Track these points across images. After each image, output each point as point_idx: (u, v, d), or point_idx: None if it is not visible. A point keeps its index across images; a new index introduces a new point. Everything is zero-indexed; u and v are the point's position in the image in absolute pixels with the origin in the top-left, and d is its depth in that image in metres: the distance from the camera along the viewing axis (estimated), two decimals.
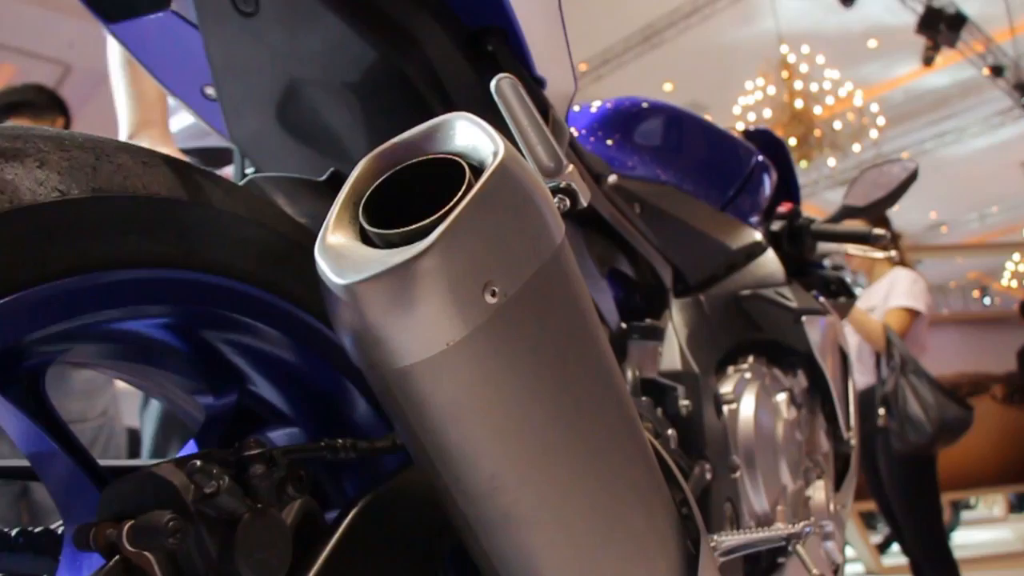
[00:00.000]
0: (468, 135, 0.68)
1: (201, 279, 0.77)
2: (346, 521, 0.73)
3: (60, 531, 1.05)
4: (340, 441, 0.76)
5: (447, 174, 0.66)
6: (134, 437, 2.54)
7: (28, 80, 4.05)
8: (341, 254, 0.65)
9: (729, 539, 1.07)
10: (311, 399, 0.89)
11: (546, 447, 0.70)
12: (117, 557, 0.65)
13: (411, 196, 0.68)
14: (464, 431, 0.66)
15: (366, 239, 0.66)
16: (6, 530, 1.00)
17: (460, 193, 0.64)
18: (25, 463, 0.87)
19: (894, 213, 5.00)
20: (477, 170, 0.65)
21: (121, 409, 2.29)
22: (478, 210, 0.63)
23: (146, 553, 0.65)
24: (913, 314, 3.77)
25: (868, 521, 7.26)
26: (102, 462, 0.75)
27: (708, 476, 1.26)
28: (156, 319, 0.80)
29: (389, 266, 0.61)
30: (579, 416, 0.72)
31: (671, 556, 0.83)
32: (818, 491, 1.59)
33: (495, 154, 0.65)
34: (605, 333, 0.81)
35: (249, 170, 1.11)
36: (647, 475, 0.81)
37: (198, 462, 0.65)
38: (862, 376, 3.76)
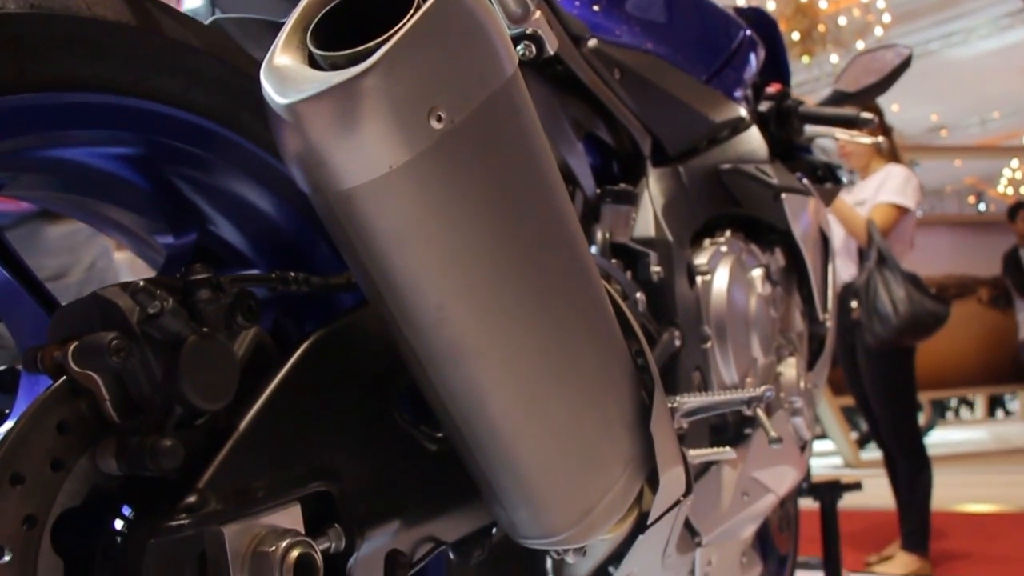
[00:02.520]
0: None
1: (153, 108, 0.76)
2: (297, 353, 0.73)
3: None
4: (292, 274, 0.75)
5: (401, 3, 0.65)
6: None
7: None
8: (286, 76, 0.63)
9: (690, 401, 1.08)
10: (271, 240, 0.88)
11: (493, 281, 0.69)
12: (64, 378, 0.65)
13: (364, 24, 0.67)
14: (409, 259, 0.66)
15: (313, 63, 0.65)
16: None
17: (408, 16, 0.62)
18: None
19: (894, 115, 4.94)
20: None
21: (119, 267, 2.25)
22: (424, 33, 0.62)
23: (92, 373, 0.65)
24: (901, 211, 3.75)
25: (848, 417, 7.39)
26: None
27: (677, 343, 1.26)
28: (109, 149, 0.78)
29: (331, 85, 0.60)
30: (528, 253, 0.71)
31: (624, 405, 0.84)
32: (789, 367, 1.60)
33: None
34: (566, 188, 0.80)
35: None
36: (601, 320, 0.81)
37: (142, 283, 0.65)
38: (846, 269, 3.76)
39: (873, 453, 7.08)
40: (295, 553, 0.66)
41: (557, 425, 0.77)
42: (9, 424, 0.78)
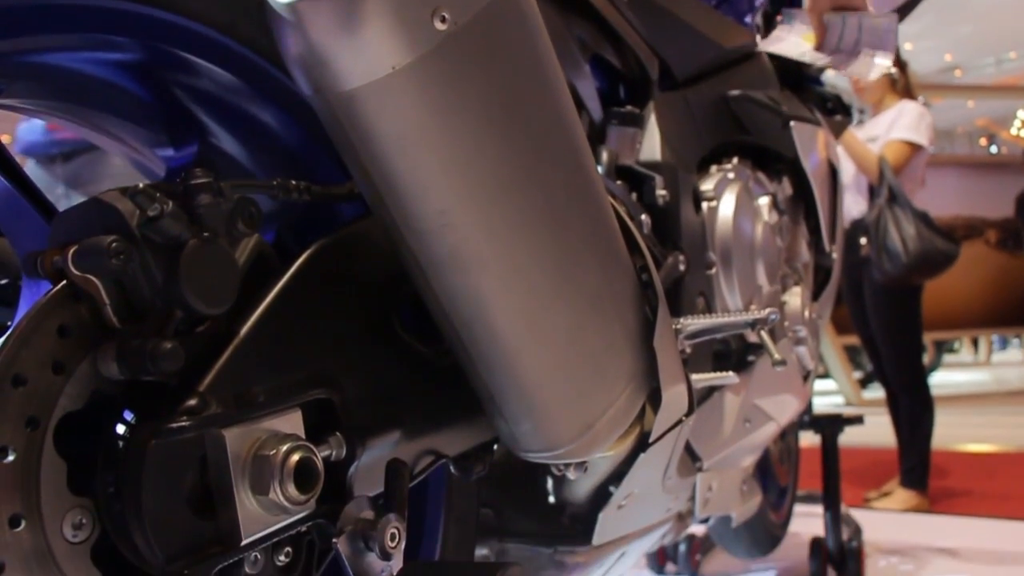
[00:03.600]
0: None
1: (151, 14, 0.74)
2: (299, 261, 0.73)
3: None
4: (294, 182, 0.75)
5: None
6: None
7: None
8: None
9: (694, 322, 1.08)
10: (273, 153, 0.87)
11: (496, 187, 0.69)
12: (64, 282, 0.65)
13: None
14: (411, 162, 0.65)
15: None
16: None
17: None
18: None
19: (907, 55, 4.86)
20: None
21: None
22: None
23: (92, 277, 0.65)
24: (914, 148, 3.71)
25: (851, 356, 7.41)
26: None
27: (682, 268, 1.26)
28: (105, 55, 0.77)
29: None
30: (532, 161, 0.70)
31: (627, 319, 0.84)
32: (794, 297, 1.59)
33: None
34: (574, 107, 0.78)
35: None
36: (605, 233, 0.80)
37: (141, 186, 0.64)
38: (857, 205, 3.74)
39: (875, 393, 7.11)
40: (296, 457, 0.66)
41: (560, 336, 0.76)
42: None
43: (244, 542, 0.65)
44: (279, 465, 0.65)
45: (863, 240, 3.56)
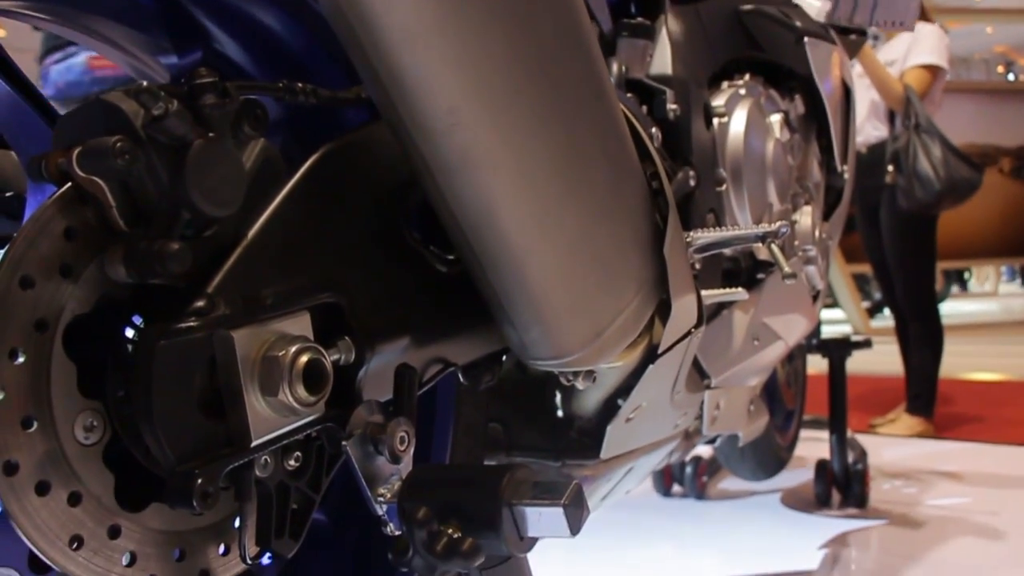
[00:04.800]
0: None
1: None
2: (307, 164, 0.72)
3: None
4: (300, 85, 0.73)
5: None
6: None
7: None
8: None
9: (704, 235, 1.07)
10: (278, 59, 0.86)
11: (506, 85, 0.67)
12: (69, 184, 0.64)
13: None
14: (419, 58, 0.64)
15: None
16: None
17: None
18: None
19: None
20: None
21: None
22: None
23: (97, 179, 0.64)
24: (935, 71, 3.66)
25: (859, 286, 7.40)
26: None
27: (692, 183, 1.25)
28: None
29: None
30: (543, 58, 0.69)
31: (637, 225, 0.83)
32: (805, 216, 1.58)
33: None
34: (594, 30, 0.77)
35: None
36: (616, 136, 0.79)
37: (145, 84, 0.63)
38: (875, 130, 3.70)
39: (882, 322, 7.13)
40: (305, 358, 0.66)
41: (569, 240, 0.76)
42: None
43: (254, 443, 0.66)
44: (288, 366, 0.65)
45: (890, 167, 3.52)
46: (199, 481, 0.62)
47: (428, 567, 0.64)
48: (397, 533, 0.70)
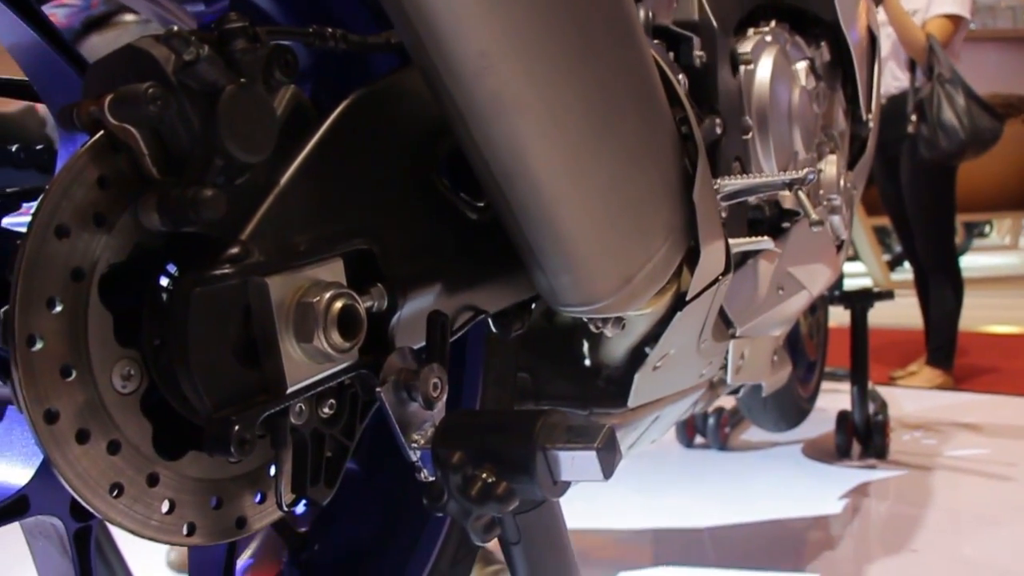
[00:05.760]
0: None
1: None
2: (338, 110, 0.72)
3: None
4: (330, 30, 0.73)
5: None
6: None
7: None
8: None
9: (731, 182, 1.06)
10: (306, 8, 0.85)
11: (537, 29, 0.67)
12: (101, 132, 0.64)
13: None
14: (451, 2, 0.63)
15: None
16: (8, 147, 1.01)
17: None
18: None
19: None
20: None
21: None
22: None
23: (129, 127, 0.64)
24: (957, 21, 3.60)
25: (880, 239, 7.35)
26: None
27: (718, 131, 1.23)
28: None
29: None
30: (574, 3, 0.68)
31: (667, 171, 0.82)
32: (830, 165, 1.57)
33: None
34: None
35: None
36: (646, 80, 0.78)
37: (176, 29, 0.62)
38: (895, 81, 3.65)
39: (902, 275, 7.08)
40: (339, 304, 0.66)
41: (599, 185, 0.75)
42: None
43: (289, 390, 0.66)
44: (323, 312, 0.65)
45: (913, 117, 3.48)
46: (236, 428, 0.62)
47: (463, 511, 0.65)
48: (431, 479, 0.70)
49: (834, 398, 2.92)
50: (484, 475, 0.65)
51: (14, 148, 1.03)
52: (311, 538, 1.02)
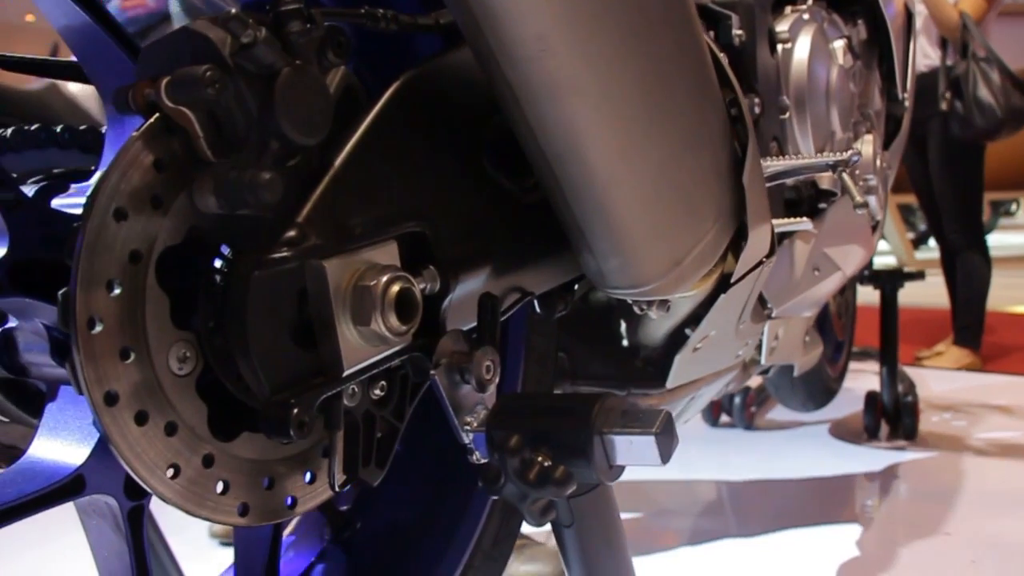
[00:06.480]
0: None
1: None
2: (390, 91, 0.71)
3: (104, 129, 1.05)
4: (381, 11, 0.72)
5: None
6: None
7: None
8: None
9: (775, 164, 1.06)
10: None
11: (594, 12, 0.66)
12: (157, 115, 0.64)
13: None
14: None
15: None
16: (52, 127, 1.01)
17: None
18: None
19: None
20: None
21: None
22: None
23: (185, 109, 0.63)
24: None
25: (904, 217, 7.29)
26: None
27: (757, 110, 1.22)
28: None
29: None
30: None
31: (717, 153, 0.82)
32: (866, 145, 1.55)
33: None
34: None
35: None
36: (699, 63, 0.77)
37: (233, 12, 0.62)
38: (925, 59, 3.61)
39: (926, 254, 7.03)
40: (396, 287, 0.66)
41: (652, 169, 0.75)
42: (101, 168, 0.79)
43: (346, 373, 0.66)
44: (380, 295, 0.65)
45: (947, 95, 3.44)
46: (295, 411, 0.63)
47: (520, 495, 0.65)
48: (483, 461, 0.71)
49: (854, 377, 2.91)
50: (540, 458, 0.65)
51: (59, 129, 1.03)
52: (353, 517, 1.03)
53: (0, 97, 1.99)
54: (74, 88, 2.14)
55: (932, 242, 4.18)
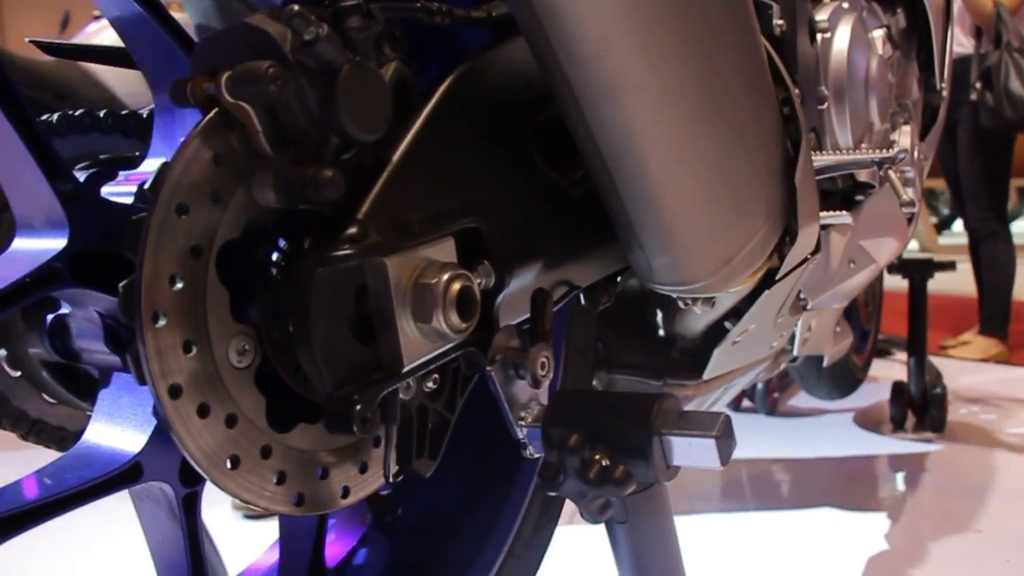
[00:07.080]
0: None
1: None
2: (443, 86, 0.72)
3: (146, 114, 1.06)
4: (436, 5, 0.72)
5: None
6: None
7: None
8: None
9: (821, 159, 1.05)
10: None
11: (656, 12, 0.66)
12: (216, 110, 0.64)
13: None
14: None
15: None
16: (96, 112, 1.02)
17: None
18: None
19: None
20: None
21: None
22: None
23: (244, 104, 0.64)
24: None
25: (928, 201, 7.24)
26: None
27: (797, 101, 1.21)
28: None
29: None
30: None
31: (770, 152, 0.81)
32: (904, 136, 1.54)
33: None
34: None
35: None
36: (755, 62, 0.77)
37: (296, 8, 0.62)
38: (958, 47, 3.58)
39: (948, 239, 6.98)
40: (457, 286, 0.67)
41: (707, 166, 0.75)
42: (154, 160, 0.80)
43: (406, 368, 0.67)
44: (442, 293, 0.66)
45: (977, 84, 3.41)
46: (359, 407, 0.63)
47: (579, 492, 0.66)
48: (536, 456, 0.71)
49: (883, 366, 2.90)
50: (597, 457, 0.66)
51: (102, 114, 1.04)
52: (395, 501, 1.03)
53: (17, 70, 2.00)
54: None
55: (956, 227, 4.15)
